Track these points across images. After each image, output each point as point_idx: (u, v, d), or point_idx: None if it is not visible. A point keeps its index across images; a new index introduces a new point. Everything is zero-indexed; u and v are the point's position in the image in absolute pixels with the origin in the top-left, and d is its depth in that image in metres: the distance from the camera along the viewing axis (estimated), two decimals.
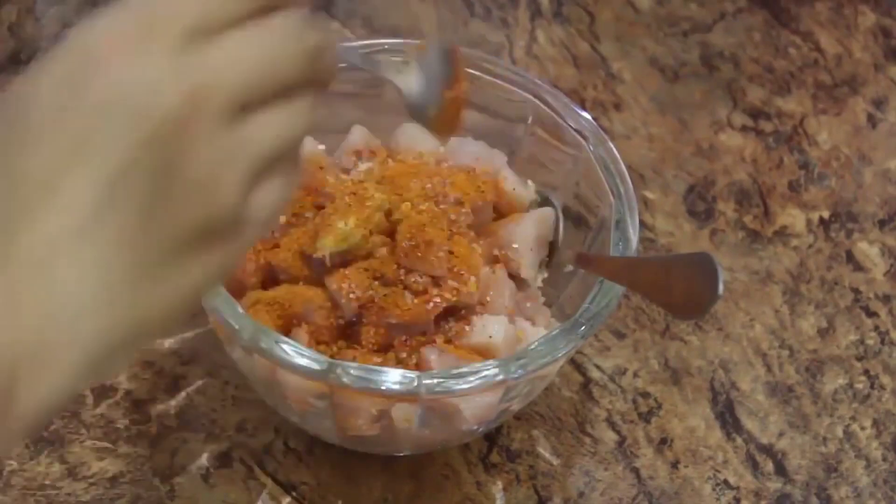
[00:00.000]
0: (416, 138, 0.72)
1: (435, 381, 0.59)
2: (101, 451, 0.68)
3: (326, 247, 0.64)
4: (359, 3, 0.92)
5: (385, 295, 0.64)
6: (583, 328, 0.62)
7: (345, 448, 0.69)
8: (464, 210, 0.68)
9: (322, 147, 0.71)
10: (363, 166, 0.70)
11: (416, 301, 0.64)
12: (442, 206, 0.67)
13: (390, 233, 0.66)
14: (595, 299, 0.63)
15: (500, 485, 0.69)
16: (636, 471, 0.71)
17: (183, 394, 0.71)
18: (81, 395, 0.69)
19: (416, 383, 0.58)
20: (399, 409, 0.62)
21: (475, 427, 0.65)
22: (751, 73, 0.92)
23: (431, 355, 0.63)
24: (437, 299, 0.65)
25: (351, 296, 0.64)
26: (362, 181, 0.68)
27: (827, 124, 0.90)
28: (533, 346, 0.61)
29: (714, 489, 0.71)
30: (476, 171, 0.70)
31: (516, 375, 0.60)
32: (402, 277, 0.65)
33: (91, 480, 0.67)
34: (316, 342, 0.64)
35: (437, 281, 0.65)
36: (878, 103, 0.91)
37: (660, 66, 0.92)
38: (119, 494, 0.67)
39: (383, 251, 0.65)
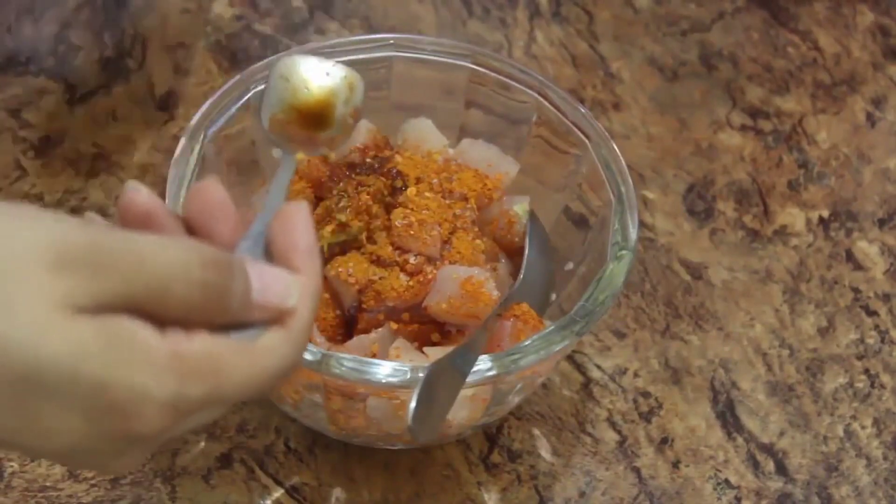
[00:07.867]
0: (423, 135, 0.72)
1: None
2: None
3: (324, 238, 0.64)
4: (358, 2, 0.92)
5: (381, 278, 0.64)
6: (578, 325, 0.62)
7: (346, 449, 0.69)
8: (468, 206, 0.68)
9: None
10: (369, 161, 0.70)
11: (410, 282, 0.64)
12: (447, 201, 0.67)
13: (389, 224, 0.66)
14: (591, 297, 0.63)
15: (500, 485, 0.69)
16: (637, 470, 0.71)
17: None
18: None
19: (408, 375, 0.58)
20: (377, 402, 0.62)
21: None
22: (750, 72, 0.92)
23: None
24: (431, 276, 0.64)
25: (350, 279, 0.64)
26: (366, 174, 0.68)
27: (826, 123, 0.90)
28: (528, 343, 0.61)
29: (715, 489, 0.71)
30: (484, 172, 0.70)
31: (510, 370, 0.60)
32: (398, 259, 0.65)
33: (92, 482, 0.67)
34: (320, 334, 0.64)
35: (431, 260, 0.65)
36: (877, 102, 0.91)
37: (659, 66, 0.92)
38: (120, 496, 0.67)
39: (382, 236, 0.66)
